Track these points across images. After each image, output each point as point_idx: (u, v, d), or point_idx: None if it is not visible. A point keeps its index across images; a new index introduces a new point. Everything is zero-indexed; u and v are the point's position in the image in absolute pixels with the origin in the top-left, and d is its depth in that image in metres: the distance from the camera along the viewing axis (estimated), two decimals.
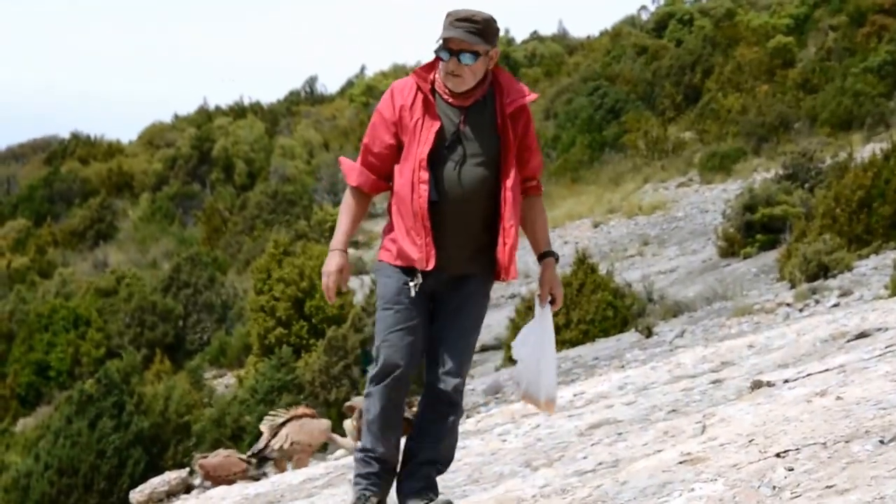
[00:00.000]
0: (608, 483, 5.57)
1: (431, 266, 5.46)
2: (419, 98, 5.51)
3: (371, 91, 63.19)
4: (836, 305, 17.69)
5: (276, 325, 28.66)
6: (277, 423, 14.55)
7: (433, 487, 5.65)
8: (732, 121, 42.91)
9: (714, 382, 8.81)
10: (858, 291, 18.86)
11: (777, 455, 5.19)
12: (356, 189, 5.67)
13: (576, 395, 10.09)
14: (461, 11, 5.42)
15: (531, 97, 5.57)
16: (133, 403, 21.15)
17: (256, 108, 65.36)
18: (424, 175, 5.43)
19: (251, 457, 14.76)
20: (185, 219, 52.66)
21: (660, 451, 5.99)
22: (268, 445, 14.47)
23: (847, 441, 5.18)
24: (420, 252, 5.45)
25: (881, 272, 20.53)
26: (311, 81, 72.00)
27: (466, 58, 5.42)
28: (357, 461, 5.67)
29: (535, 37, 70.09)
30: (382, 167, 5.60)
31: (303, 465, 13.41)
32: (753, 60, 47.87)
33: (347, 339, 23.74)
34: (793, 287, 21.44)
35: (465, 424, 10.06)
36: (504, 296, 28.93)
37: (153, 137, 64.50)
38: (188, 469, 17.68)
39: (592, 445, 7.05)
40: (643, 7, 66.33)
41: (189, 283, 36.20)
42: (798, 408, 6.04)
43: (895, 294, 17.02)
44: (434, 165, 5.46)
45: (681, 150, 43.28)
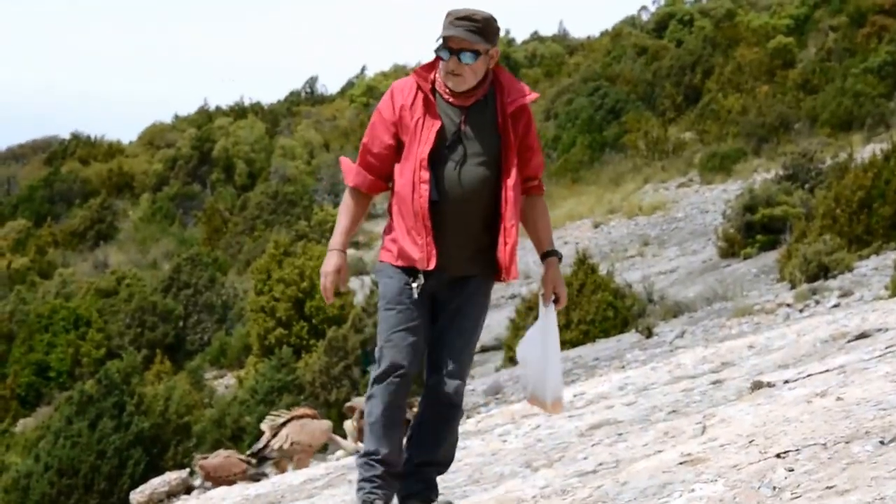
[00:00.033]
0: (608, 484, 5.56)
1: (432, 266, 5.45)
2: (420, 98, 5.48)
3: (371, 91, 63.23)
4: (837, 306, 17.68)
5: (277, 326, 28.68)
6: (278, 423, 14.54)
7: (433, 488, 5.64)
8: (733, 121, 42.93)
9: (714, 383, 8.80)
10: (859, 292, 18.85)
11: (777, 456, 5.18)
12: (354, 189, 5.65)
13: (576, 396, 10.08)
14: (461, 10, 5.40)
15: (532, 97, 5.56)
16: (133, 404, 21.16)
17: (257, 109, 65.42)
18: (425, 175, 5.41)
19: (251, 456, 14.76)
20: (186, 219, 52.69)
21: (660, 452, 5.99)
22: (268, 445, 14.46)
23: (847, 442, 5.17)
24: (421, 252, 5.43)
25: (881, 273, 20.53)
26: (312, 82, 72.09)
27: (467, 57, 5.40)
28: (360, 466, 5.60)
29: (536, 37, 70.18)
30: (381, 167, 5.58)
31: (303, 466, 13.39)
32: (754, 61, 47.89)
33: (348, 340, 23.73)
34: (793, 287, 21.44)
35: (466, 425, 10.05)
36: (504, 296, 28.93)
37: (153, 138, 64.55)
38: (188, 470, 17.68)
39: (593, 446, 7.05)
40: (643, 7, 66.50)
41: (189, 284, 36.21)
42: (798, 408, 6.04)
43: (895, 294, 17.01)
44: (435, 165, 5.44)
45: (681, 151, 43.29)
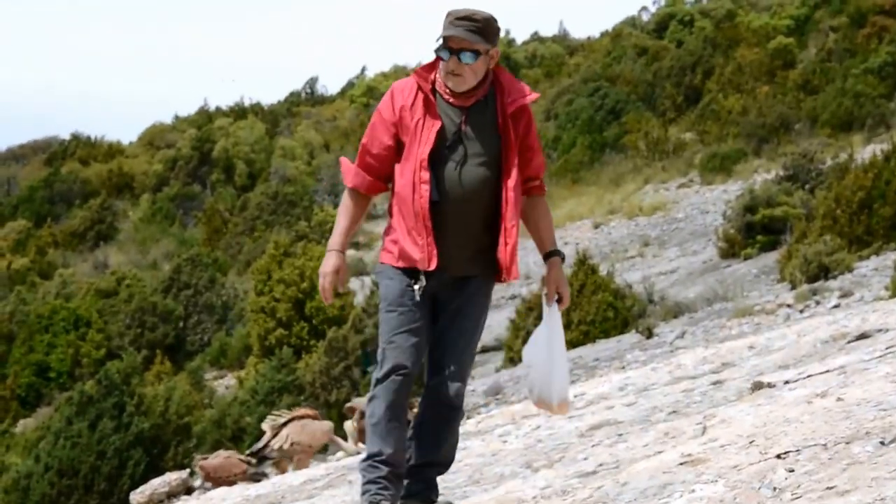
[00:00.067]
0: (609, 484, 5.56)
1: (433, 266, 5.44)
2: (420, 98, 5.48)
3: (371, 92, 63.24)
4: (837, 306, 17.67)
5: (277, 326, 28.67)
6: (279, 424, 14.55)
7: (434, 488, 5.63)
8: (733, 122, 42.94)
9: (714, 383, 8.80)
10: (859, 292, 18.85)
11: (777, 456, 5.18)
12: (353, 190, 5.65)
13: (576, 396, 10.08)
14: (461, 10, 5.40)
15: (532, 97, 5.55)
16: (133, 404, 21.16)
17: (257, 109, 65.42)
18: (426, 175, 5.41)
19: (250, 455, 14.76)
20: (186, 220, 52.70)
21: (660, 453, 5.98)
22: (268, 445, 14.47)
23: (848, 442, 5.17)
24: (422, 252, 5.43)
25: (882, 273, 20.52)
26: (312, 82, 72.10)
27: (467, 57, 5.39)
28: (364, 469, 5.55)
29: (536, 38, 70.19)
30: (380, 168, 5.58)
31: (304, 467, 13.38)
32: (754, 61, 47.90)
33: (348, 341, 23.73)
34: (793, 288, 21.44)
35: (466, 425, 10.05)
36: (504, 297, 28.93)
37: (153, 138, 64.57)
38: (188, 470, 17.68)
39: (593, 446, 7.04)
40: (644, 8, 66.53)
41: (189, 284, 36.21)
42: (798, 409, 6.03)
43: (895, 295, 17.02)
44: (435, 165, 5.43)
45: (681, 151, 43.29)
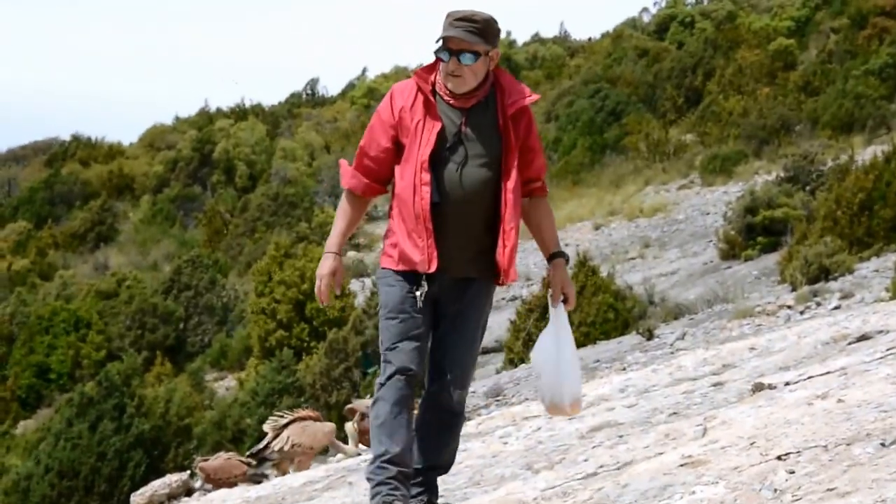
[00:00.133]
0: (609, 486, 5.55)
1: (434, 268, 5.42)
2: (420, 99, 5.46)
3: (372, 93, 63.24)
4: (838, 308, 17.66)
5: (277, 328, 28.66)
6: (280, 425, 14.54)
7: (434, 491, 5.63)
8: (733, 123, 42.92)
9: (715, 385, 8.79)
10: (859, 294, 18.84)
11: (778, 458, 5.18)
12: (350, 192, 5.64)
13: None
14: (461, 11, 5.39)
15: (533, 98, 5.54)
16: (134, 406, 21.16)
17: (257, 110, 65.41)
18: (426, 176, 5.39)
19: (251, 457, 14.75)
20: (186, 221, 52.67)
21: (661, 454, 5.98)
22: (268, 446, 14.46)
23: (848, 444, 5.17)
24: (422, 254, 5.41)
25: (882, 275, 20.51)
26: (313, 83, 72.09)
27: (466, 58, 5.38)
28: (372, 472, 5.50)
29: (537, 39, 70.17)
30: (378, 171, 5.56)
31: (304, 468, 13.38)
32: (754, 63, 47.89)
33: (348, 342, 23.72)
34: (794, 289, 21.42)
35: (466, 427, 10.03)
36: (505, 298, 28.92)
37: (154, 139, 64.56)
38: (189, 472, 17.66)
39: (593, 448, 7.03)
40: (644, 9, 66.52)
41: (190, 286, 36.20)
42: (799, 410, 6.03)
43: None
44: (435, 167, 5.41)
45: (682, 153, 43.28)
